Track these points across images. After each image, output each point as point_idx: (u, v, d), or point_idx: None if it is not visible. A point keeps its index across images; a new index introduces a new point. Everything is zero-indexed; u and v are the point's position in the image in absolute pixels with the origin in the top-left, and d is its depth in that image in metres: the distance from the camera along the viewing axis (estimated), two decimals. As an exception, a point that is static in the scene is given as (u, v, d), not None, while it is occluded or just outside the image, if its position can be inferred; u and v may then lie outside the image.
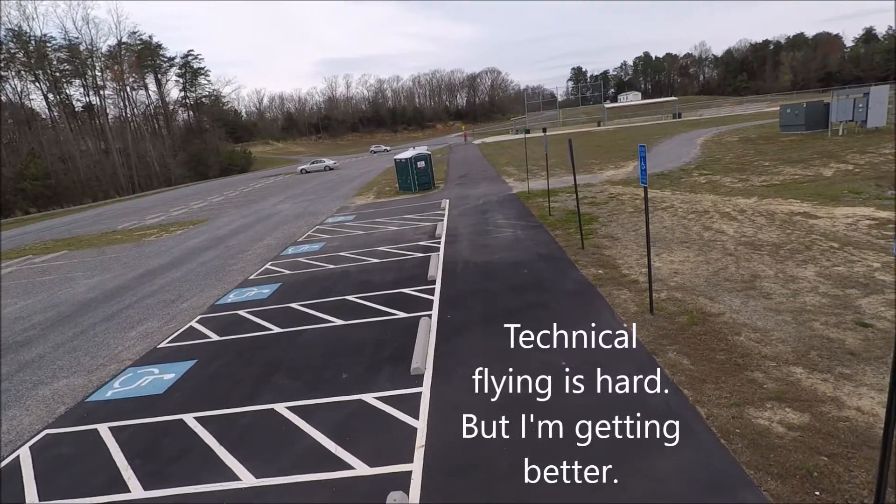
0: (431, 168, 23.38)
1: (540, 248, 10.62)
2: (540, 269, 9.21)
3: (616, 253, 9.67)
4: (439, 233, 13.12)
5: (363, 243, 13.41)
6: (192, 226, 21.88)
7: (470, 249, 11.25)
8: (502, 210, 15.59)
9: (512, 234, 12.14)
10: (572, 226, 12.22)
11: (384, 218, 16.94)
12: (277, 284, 10.59)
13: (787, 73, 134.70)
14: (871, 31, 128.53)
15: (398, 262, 11.05)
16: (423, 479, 4.13)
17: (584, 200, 15.43)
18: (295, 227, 17.81)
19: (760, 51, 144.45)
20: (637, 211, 13.19)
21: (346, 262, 11.68)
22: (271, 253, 13.91)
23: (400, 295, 8.81)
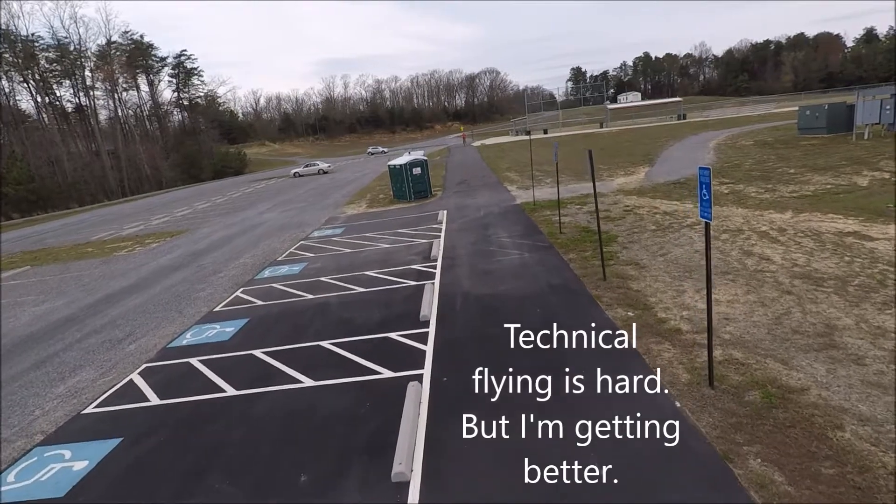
0: (428, 175, 21.80)
1: (553, 278, 9.04)
2: (555, 309, 7.63)
3: (646, 287, 8.09)
4: (435, 254, 11.53)
5: (349, 265, 11.82)
6: (170, 238, 20.26)
7: (470, 277, 9.67)
8: (506, 225, 14.01)
9: (518, 258, 10.56)
10: (588, 247, 10.64)
11: (375, 232, 15.35)
12: (244, 320, 8.99)
13: (787, 74, 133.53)
14: (872, 31, 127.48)
15: (387, 292, 9.46)
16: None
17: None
18: (278, 241, 16.21)
19: (761, 51, 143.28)
20: (660, 229, 11.61)
21: (327, 290, 10.08)
22: (246, 275, 12.31)
23: (385, 342, 7.22)
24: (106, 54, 71.06)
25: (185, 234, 20.55)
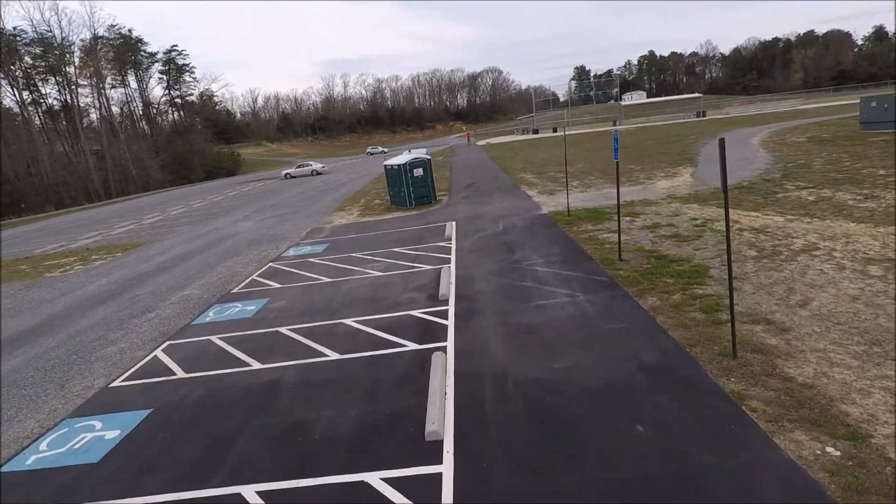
0: (431, 176, 18.35)
1: (641, 348, 5.59)
2: (672, 426, 4.18)
3: (818, 375, 4.64)
4: (445, 292, 8.08)
5: (323, 307, 8.39)
6: (122, 252, 16.84)
7: (502, 340, 6.23)
8: (537, 244, 10.56)
9: (570, 303, 7.11)
10: (671, 285, 7.21)
11: (365, 251, 11.92)
12: (142, 415, 5.57)
13: (797, 72, 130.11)
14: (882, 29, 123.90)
15: (372, 365, 6.03)
16: None
17: (659, 229, 10.41)
18: (242, 262, 12.78)
19: (770, 49, 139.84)
20: (765, 256, 8.15)
21: (285, 353, 6.66)
22: (182, 317, 8.89)
23: (359, 493, 3.79)
24: (91, 49, 67.61)
25: (139, 249, 17.12)
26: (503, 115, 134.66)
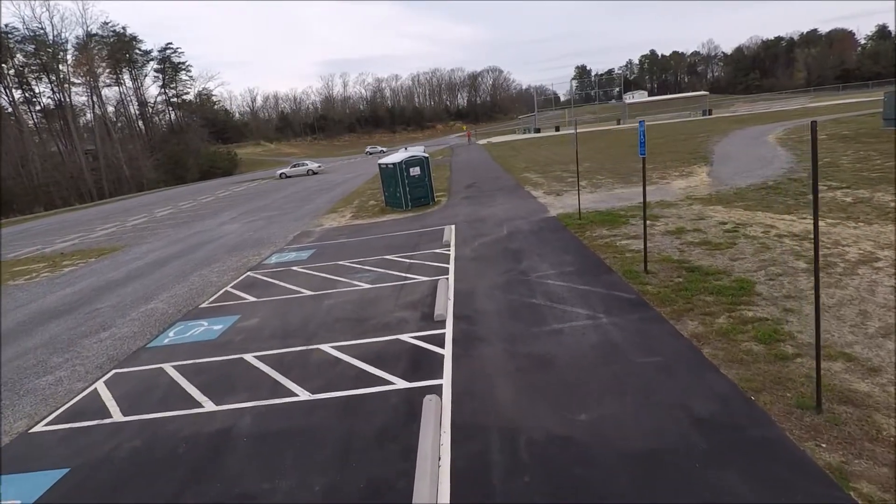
0: (429, 176, 17.14)
1: (691, 393, 4.38)
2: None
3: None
4: (441, 311, 6.87)
5: (300, 326, 7.19)
6: (95, 258, 15.63)
7: (512, 379, 5.02)
8: (547, 251, 9.36)
9: (592, 328, 5.90)
10: (711, 303, 6.01)
11: (354, 259, 10.72)
12: (55, 476, 4.39)
13: (800, 71, 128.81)
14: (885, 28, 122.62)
15: (347, 413, 4.82)
16: None
17: (685, 234, 9.19)
18: (219, 269, 11.58)
19: (772, 48, 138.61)
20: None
21: (243, 393, 5.46)
22: (137, 339, 7.69)
23: None
24: (84, 46, 66.36)
25: (114, 254, 15.91)
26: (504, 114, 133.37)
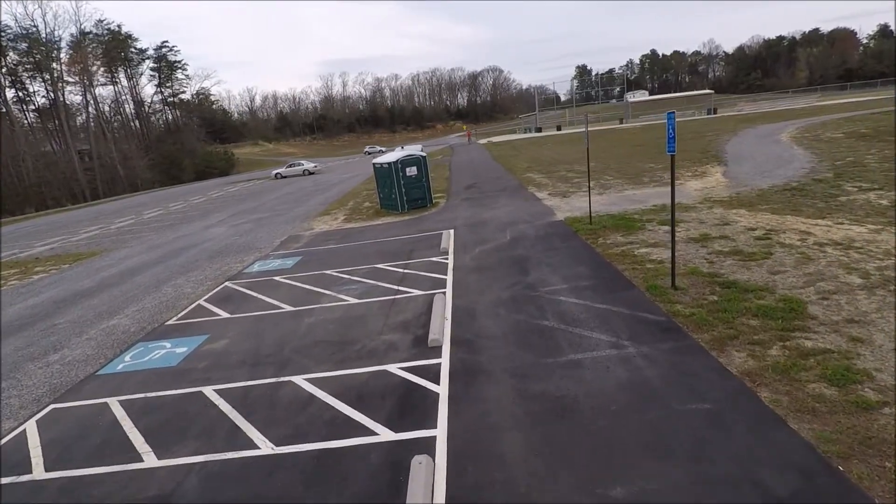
0: (427, 176, 16.14)
1: (757, 458, 3.38)
2: None
3: None
4: (436, 334, 5.87)
5: (274, 350, 6.19)
6: (69, 264, 14.63)
7: (523, 431, 4.02)
8: (556, 262, 8.35)
9: (618, 359, 4.90)
10: (759, 329, 5.02)
11: (342, 268, 9.72)
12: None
13: (802, 70, 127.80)
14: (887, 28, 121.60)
15: (317, 477, 3.82)
16: None
17: (711, 242, 8.18)
18: (196, 279, 10.58)
19: (774, 47, 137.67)
20: (873, 283, 5.93)
21: (194, 442, 4.47)
22: (88, 364, 6.70)
23: None
24: (78, 44, 65.29)
25: (91, 260, 14.91)
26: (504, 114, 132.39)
